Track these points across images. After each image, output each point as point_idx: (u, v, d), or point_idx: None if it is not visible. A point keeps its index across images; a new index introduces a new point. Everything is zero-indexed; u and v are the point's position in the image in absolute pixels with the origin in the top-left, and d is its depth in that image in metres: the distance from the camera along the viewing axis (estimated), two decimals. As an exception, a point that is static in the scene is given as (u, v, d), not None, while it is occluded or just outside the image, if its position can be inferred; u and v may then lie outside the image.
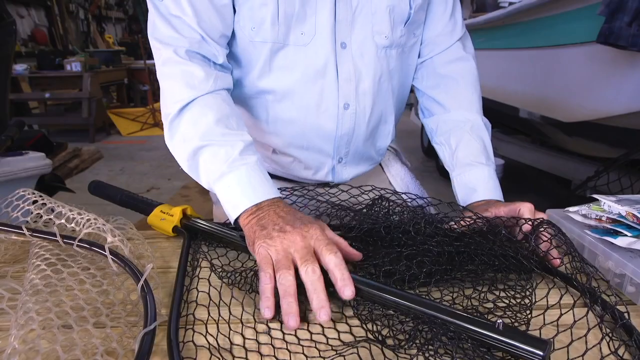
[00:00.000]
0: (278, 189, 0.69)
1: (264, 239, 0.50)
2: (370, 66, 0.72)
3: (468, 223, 0.58)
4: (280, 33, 0.67)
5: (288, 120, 0.74)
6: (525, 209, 0.60)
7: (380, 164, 0.94)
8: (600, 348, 0.40)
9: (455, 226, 0.58)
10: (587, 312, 0.42)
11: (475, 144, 0.75)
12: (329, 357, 0.40)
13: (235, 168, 0.59)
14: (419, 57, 0.82)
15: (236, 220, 0.58)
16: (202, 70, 0.64)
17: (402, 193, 0.71)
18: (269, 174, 0.84)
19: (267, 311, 0.45)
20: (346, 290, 0.45)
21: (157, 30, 0.65)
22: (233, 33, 0.69)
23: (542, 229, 0.55)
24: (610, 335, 0.41)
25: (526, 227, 0.57)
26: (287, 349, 0.42)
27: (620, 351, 0.40)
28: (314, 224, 0.52)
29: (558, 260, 0.54)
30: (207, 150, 0.61)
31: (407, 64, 0.79)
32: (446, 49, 0.80)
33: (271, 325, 0.45)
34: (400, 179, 0.93)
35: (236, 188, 0.58)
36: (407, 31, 0.74)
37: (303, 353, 0.41)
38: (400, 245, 0.54)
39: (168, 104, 0.65)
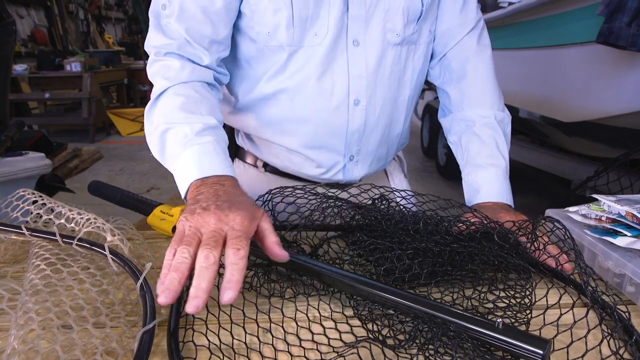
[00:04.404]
0: (281, 187, 0.69)
1: (186, 213, 0.48)
2: (380, 63, 0.73)
3: (467, 226, 0.58)
4: (296, 36, 0.68)
5: (300, 118, 0.75)
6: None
7: (385, 171, 0.94)
8: (600, 349, 0.40)
9: (459, 227, 0.58)
10: (587, 313, 0.42)
11: (484, 144, 0.75)
12: (330, 358, 0.40)
13: (188, 147, 0.58)
14: (435, 54, 0.82)
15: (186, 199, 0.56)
16: (178, 62, 0.66)
17: (402, 190, 0.71)
18: (280, 172, 0.85)
19: (162, 296, 0.39)
20: (226, 294, 0.40)
21: (149, 37, 0.69)
22: (249, 38, 0.71)
23: (551, 231, 0.55)
24: (610, 334, 0.41)
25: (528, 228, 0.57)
26: (288, 351, 0.42)
27: (620, 351, 0.40)
28: (241, 211, 0.47)
29: (569, 265, 0.55)
30: (170, 133, 0.61)
31: (419, 61, 0.79)
32: (458, 42, 0.79)
33: (272, 324, 0.45)
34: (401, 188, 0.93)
35: (186, 166, 0.58)
36: (420, 28, 0.75)
37: (304, 356, 0.41)
38: (400, 242, 0.54)
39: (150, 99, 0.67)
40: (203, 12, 0.66)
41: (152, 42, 0.68)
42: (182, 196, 0.57)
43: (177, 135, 0.60)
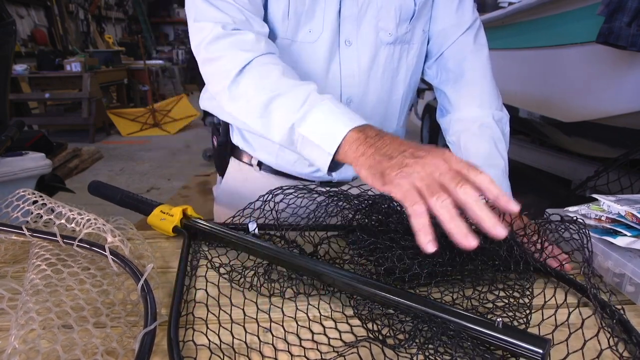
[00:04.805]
0: (280, 187, 0.69)
1: (399, 167, 0.43)
2: (373, 62, 0.73)
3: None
4: (289, 29, 0.69)
5: None
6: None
7: None
8: (600, 349, 0.40)
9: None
10: (588, 313, 0.42)
11: (482, 145, 0.75)
12: (330, 358, 0.40)
13: (318, 103, 0.55)
14: (432, 54, 0.82)
15: (334, 158, 0.52)
16: (252, 35, 0.64)
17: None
18: (275, 170, 0.85)
19: (430, 245, 0.39)
20: (497, 229, 0.39)
21: (201, 12, 0.65)
22: None
23: (551, 231, 0.55)
24: (610, 333, 0.41)
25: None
26: (288, 350, 0.42)
27: (620, 349, 0.40)
28: (445, 150, 0.45)
29: (569, 266, 0.54)
30: (279, 99, 0.58)
31: (413, 61, 0.79)
32: (454, 41, 0.79)
33: (272, 324, 0.45)
34: None
35: (328, 118, 0.53)
36: (413, 27, 0.75)
37: (305, 355, 0.41)
38: (401, 241, 0.54)
39: (223, 74, 0.64)
40: None
41: (205, 15, 0.64)
42: (331, 152, 0.52)
43: (295, 98, 0.56)
